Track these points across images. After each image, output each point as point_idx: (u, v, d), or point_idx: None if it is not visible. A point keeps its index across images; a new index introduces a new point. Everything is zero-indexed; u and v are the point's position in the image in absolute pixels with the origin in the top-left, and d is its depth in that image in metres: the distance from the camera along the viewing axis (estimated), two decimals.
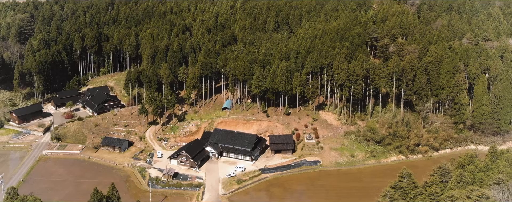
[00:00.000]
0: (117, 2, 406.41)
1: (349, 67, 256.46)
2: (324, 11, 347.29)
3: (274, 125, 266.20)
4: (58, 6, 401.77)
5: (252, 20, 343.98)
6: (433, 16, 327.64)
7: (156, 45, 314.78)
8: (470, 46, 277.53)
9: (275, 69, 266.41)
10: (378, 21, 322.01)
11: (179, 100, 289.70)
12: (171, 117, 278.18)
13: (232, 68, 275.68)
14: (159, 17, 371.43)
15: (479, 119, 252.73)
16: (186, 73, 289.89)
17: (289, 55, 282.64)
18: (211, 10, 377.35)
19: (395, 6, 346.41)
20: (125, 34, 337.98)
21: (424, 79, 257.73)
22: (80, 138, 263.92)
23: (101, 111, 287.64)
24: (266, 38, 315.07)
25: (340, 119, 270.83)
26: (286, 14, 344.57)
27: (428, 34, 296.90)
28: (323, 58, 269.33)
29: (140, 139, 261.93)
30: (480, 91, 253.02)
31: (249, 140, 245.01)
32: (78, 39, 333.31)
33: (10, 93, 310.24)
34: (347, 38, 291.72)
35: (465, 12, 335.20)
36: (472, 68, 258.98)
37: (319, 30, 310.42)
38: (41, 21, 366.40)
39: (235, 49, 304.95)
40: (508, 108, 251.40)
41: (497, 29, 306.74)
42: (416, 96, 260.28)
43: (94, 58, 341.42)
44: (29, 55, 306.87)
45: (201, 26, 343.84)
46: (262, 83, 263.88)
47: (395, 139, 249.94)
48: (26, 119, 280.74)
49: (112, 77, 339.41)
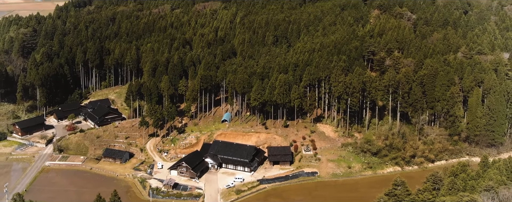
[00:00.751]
0: (118, 17, 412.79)
1: (346, 80, 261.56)
2: (322, 26, 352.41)
3: (273, 137, 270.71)
4: (61, 20, 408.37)
5: (251, 34, 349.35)
6: (429, 31, 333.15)
7: (157, 58, 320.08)
8: (464, 60, 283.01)
9: (273, 82, 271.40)
10: (375, 35, 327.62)
11: (179, 113, 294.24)
12: (171, 129, 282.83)
13: (232, 81, 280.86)
14: (160, 31, 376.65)
15: (473, 131, 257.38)
16: (186, 86, 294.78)
17: (288, 68, 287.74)
18: (211, 25, 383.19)
19: (392, 20, 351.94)
20: (126, 48, 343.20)
21: (419, 92, 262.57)
22: (82, 149, 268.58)
23: (102, 123, 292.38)
24: (265, 52, 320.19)
25: (337, 131, 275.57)
26: (285, 29, 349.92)
27: (423, 48, 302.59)
28: (321, 71, 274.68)
29: (140, 151, 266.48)
30: (475, 104, 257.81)
31: (248, 151, 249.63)
32: (80, 53, 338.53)
33: (13, 106, 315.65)
34: (344, 51, 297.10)
35: (460, 27, 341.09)
36: (466, 81, 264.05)
37: (317, 44, 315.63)
38: (43, 35, 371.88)
39: (234, 63, 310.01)
40: (502, 120, 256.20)
41: (491, 43, 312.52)
42: (412, 109, 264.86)
43: (96, 72, 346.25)
44: (32, 69, 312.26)
45: (201, 40, 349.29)
46: (261, 96, 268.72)
47: (391, 151, 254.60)
48: (29, 131, 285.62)
49: (113, 90, 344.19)
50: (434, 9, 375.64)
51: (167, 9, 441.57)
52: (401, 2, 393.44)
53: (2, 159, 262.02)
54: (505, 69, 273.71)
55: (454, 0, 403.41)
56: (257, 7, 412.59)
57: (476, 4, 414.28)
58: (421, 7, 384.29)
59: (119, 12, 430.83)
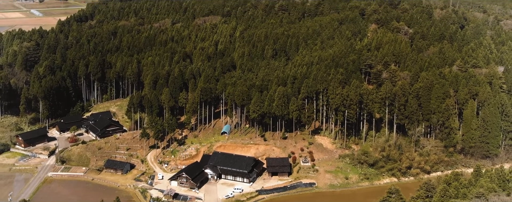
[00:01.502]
0: (119, 31, 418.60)
1: (343, 92, 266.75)
2: (321, 39, 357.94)
3: (271, 149, 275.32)
4: (63, 34, 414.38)
5: (250, 47, 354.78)
6: (426, 45, 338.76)
7: (158, 71, 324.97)
8: (459, 73, 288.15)
9: (272, 94, 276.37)
10: (372, 49, 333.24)
11: (179, 125, 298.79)
12: (172, 141, 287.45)
13: (231, 93, 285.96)
14: (161, 45, 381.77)
15: (468, 143, 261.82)
16: (186, 99, 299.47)
17: (286, 81, 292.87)
18: (211, 38, 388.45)
19: (389, 34, 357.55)
20: (128, 62, 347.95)
21: (415, 104, 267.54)
22: (84, 160, 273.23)
23: (104, 135, 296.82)
24: (264, 65, 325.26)
25: (335, 143, 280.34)
26: (284, 42, 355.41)
27: (419, 61, 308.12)
28: (319, 83, 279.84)
29: (141, 162, 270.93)
30: (469, 116, 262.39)
31: (247, 162, 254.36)
32: (82, 66, 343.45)
33: (16, 118, 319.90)
34: (342, 65, 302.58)
35: (457, 41, 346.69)
36: (461, 94, 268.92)
37: (315, 57, 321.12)
38: (46, 49, 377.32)
39: (234, 76, 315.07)
40: (496, 132, 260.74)
41: (486, 57, 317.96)
42: (408, 121, 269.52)
43: (97, 85, 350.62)
44: (35, 82, 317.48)
45: (201, 54, 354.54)
46: (260, 108, 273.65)
47: (388, 162, 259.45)
48: (32, 142, 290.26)
49: (115, 103, 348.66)
50: (431, 24, 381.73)
51: (168, 24, 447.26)
52: (398, 16, 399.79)
53: (5, 169, 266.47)
54: (499, 82, 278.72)
55: (451, 15, 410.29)
56: (256, 21, 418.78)
57: (472, 19, 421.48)
58: (418, 21, 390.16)
59: (121, 27, 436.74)
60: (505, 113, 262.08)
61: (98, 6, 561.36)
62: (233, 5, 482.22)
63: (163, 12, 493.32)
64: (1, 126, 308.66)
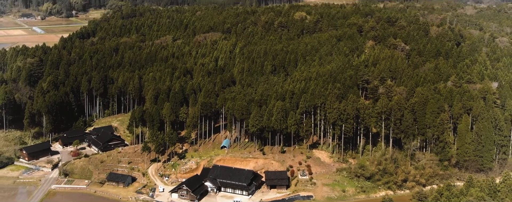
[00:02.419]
0: (121, 48, 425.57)
1: (340, 107, 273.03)
2: (319, 56, 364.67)
3: (270, 162, 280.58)
4: (66, 51, 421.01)
5: (250, 63, 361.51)
6: (422, 61, 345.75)
7: (159, 87, 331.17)
8: (454, 88, 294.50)
9: (271, 108, 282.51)
10: (369, 65, 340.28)
11: (180, 139, 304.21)
12: (172, 154, 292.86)
13: (231, 108, 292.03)
14: (162, 61, 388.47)
15: (463, 157, 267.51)
16: (186, 113, 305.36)
17: (285, 96, 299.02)
18: (211, 55, 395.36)
19: (386, 51, 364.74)
20: (129, 77, 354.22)
21: (411, 118, 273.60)
22: (87, 173, 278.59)
23: (106, 149, 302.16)
24: (263, 81, 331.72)
25: (332, 157, 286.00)
26: (283, 58, 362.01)
27: (415, 77, 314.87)
28: (316, 98, 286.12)
29: (143, 175, 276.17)
30: (464, 130, 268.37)
31: (246, 175, 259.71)
32: (85, 81, 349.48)
33: (20, 133, 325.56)
34: (339, 80, 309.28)
35: (452, 58, 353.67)
36: (455, 108, 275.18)
37: (314, 73, 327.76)
38: (49, 65, 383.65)
39: (233, 91, 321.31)
40: (490, 146, 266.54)
41: (481, 73, 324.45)
42: (404, 135, 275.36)
43: (100, 100, 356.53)
44: (39, 96, 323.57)
45: (201, 69, 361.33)
46: (259, 122, 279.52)
47: (384, 175, 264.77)
48: (35, 156, 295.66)
49: (116, 118, 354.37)
50: (427, 41, 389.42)
51: (169, 40, 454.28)
52: (395, 33, 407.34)
53: (9, 182, 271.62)
54: (493, 98, 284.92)
55: (447, 32, 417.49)
56: (256, 38, 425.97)
57: (468, 36, 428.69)
58: (414, 38, 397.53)
59: (122, 43, 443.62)
60: (498, 127, 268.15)
61: (100, 23, 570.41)
62: (233, 22, 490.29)
63: (164, 29, 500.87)
64: (5, 139, 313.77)
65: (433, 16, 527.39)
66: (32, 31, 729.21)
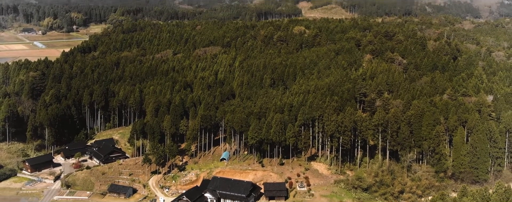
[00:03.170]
0: (122, 62, 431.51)
1: (338, 119, 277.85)
2: (318, 69, 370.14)
3: (269, 174, 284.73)
4: (68, 65, 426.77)
5: (249, 77, 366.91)
6: (418, 74, 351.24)
7: (159, 100, 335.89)
8: (450, 101, 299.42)
9: (270, 121, 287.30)
10: (367, 78, 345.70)
11: (180, 152, 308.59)
12: (173, 166, 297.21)
13: (230, 120, 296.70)
14: (162, 74, 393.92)
15: (458, 168, 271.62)
16: (187, 126, 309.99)
17: (284, 108, 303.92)
18: (211, 68, 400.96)
19: (383, 64, 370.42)
20: (130, 91, 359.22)
21: (407, 131, 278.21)
22: (88, 185, 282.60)
23: (107, 161, 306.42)
24: (263, 94, 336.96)
25: (330, 169, 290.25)
26: (282, 72, 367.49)
27: (412, 90, 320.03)
28: (314, 110, 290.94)
29: (143, 187, 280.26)
30: (459, 143, 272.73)
31: (245, 187, 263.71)
32: (87, 95, 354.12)
33: (23, 145, 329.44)
34: (337, 93, 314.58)
35: (449, 71, 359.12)
36: (451, 121, 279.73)
37: (312, 86, 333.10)
38: (52, 78, 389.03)
39: (233, 104, 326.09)
40: (485, 158, 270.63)
41: (477, 87, 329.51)
42: (400, 147, 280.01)
43: (101, 113, 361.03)
44: (42, 109, 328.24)
45: (201, 83, 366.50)
46: (258, 134, 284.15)
47: (381, 187, 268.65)
48: (38, 168, 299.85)
49: (117, 131, 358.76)
50: (424, 55, 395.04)
51: (169, 54, 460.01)
52: (393, 47, 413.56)
53: (12, 193, 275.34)
54: (488, 110, 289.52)
55: (444, 46, 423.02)
56: (255, 52, 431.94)
57: (465, 50, 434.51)
58: (411, 52, 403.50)
59: (123, 57, 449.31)
60: (493, 139, 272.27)
61: (101, 38, 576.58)
62: (233, 36, 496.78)
63: (164, 43, 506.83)
64: (8, 152, 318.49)
65: (431, 31, 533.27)
66: (33, 45, 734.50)
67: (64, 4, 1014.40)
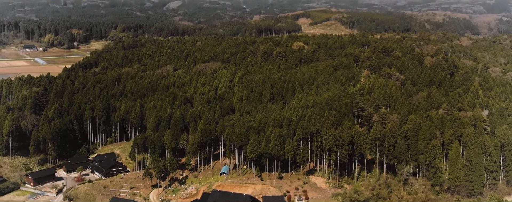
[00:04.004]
0: (123, 77, 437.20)
1: (336, 133, 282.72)
2: (316, 84, 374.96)
3: (268, 188, 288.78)
4: (70, 80, 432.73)
5: (249, 92, 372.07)
6: (415, 90, 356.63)
7: (160, 115, 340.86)
8: (445, 116, 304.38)
9: (269, 135, 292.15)
10: (364, 93, 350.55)
11: (180, 166, 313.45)
12: (173, 180, 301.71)
13: (230, 135, 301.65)
14: (163, 90, 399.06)
15: (454, 182, 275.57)
16: (187, 141, 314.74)
17: (282, 123, 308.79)
18: (211, 83, 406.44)
19: (381, 80, 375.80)
20: (131, 106, 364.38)
21: (404, 145, 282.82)
22: (90, 198, 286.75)
23: (108, 175, 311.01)
24: (262, 109, 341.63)
25: (328, 182, 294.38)
26: (281, 87, 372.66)
27: (408, 104, 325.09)
28: (313, 125, 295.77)
29: (144, 200, 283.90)
30: (455, 156, 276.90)
31: (244, 200, 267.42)
32: (89, 110, 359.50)
33: (26, 159, 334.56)
34: (335, 107, 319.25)
35: (445, 87, 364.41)
36: (446, 135, 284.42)
37: (311, 101, 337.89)
38: (54, 93, 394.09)
39: (232, 119, 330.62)
40: (480, 171, 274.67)
41: (472, 102, 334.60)
42: (397, 161, 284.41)
43: (102, 128, 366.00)
44: (45, 124, 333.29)
45: (201, 98, 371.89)
46: (257, 149, 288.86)
47: (378, 200, 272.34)
48: (41, 181, 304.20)
49: (118, 146, 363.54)
50: (421, 70, 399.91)
51: (170, 70, 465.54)
52: (391, 63, 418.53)
53: None
54: (483, 125, 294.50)
55: (441, 62, 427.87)
56: (255, 67, 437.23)
57: (462, 66, 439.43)
58: (409, 68, 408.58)
59: (124, 73, 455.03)
60: (488, 153, 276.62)
61: (102, 54, 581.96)
62: (233, 52, 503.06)
63: (165, 59, 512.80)
64: (12, 165, 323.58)
65: (429, 47, 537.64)
66: (34, 62, 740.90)
67: (65, 20, 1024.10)
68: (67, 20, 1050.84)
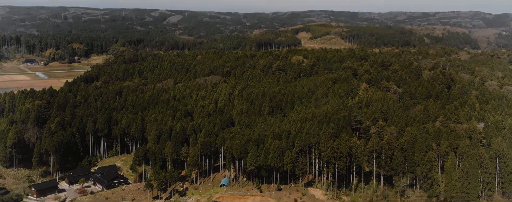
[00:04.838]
0: (124, 91, 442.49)
1: (334, 145, 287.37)
2: (315, 97, 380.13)
3: (267, 199, 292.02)
4: (72, 94, 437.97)
5: (248, 105, 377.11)
6: (413, 103, 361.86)
7: (161, 127, 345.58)
8: (442, 128, 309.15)
9: (268, 147, 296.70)
10: (362, 106, 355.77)
11: (180, 178, 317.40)
12: (174, 192, 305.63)
13: (229, 147, 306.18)
14: (163, 103, 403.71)
15: (450, 193, 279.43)
16: (187, 153, 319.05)
17: (281, 135, 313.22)
18: (211, 97, 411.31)
19: (379, 93, 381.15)
20: (133, 119, 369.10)
21: (400, 157, 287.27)
22: None
23: (110, 187, 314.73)
24: (261, 121, 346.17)
25: (326, 194, 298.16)
26: (280, 100, 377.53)
27: (405, 117, 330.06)
28: (311, 137, 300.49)
29: None
30: (451, 168, 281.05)
31: None
32: (91, 123, 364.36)
33: (29, 171, 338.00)
34: (334, 120, 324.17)
35: (442, 100, 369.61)
36: (442, 147, 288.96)
37: (309, 114, 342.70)
38: (56, 107, 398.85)
39: (232, 131, 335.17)
40: (476, 182, 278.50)
41: (468, 114, 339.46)
42: (394, 172, 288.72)
43: (104, 141, 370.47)
44: (47, 137, 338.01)
45: (201, 111, 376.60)
46: (257, 161, 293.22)
47: None
48: (43, 193, 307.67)
49: (120, 158, 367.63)
50: (419, 84, 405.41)
51: (170, 83, 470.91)
52: (389, 76, 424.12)
53: None
54: (478, 137, 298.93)
55: (439, 76, 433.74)
56: (254, 81, 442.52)
57: (459, 80, 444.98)
58: (406, 81, 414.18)
59: (125, 87, 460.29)
60: (483, 165, 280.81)
61: (103, 68, 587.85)
62: (233, 65, 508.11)
63: (165, 73, 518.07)
64: (15, 177, 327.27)
65: (427, 61, 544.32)
66: (35, 76, 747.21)
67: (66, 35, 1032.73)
68: (68, 34, 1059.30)
